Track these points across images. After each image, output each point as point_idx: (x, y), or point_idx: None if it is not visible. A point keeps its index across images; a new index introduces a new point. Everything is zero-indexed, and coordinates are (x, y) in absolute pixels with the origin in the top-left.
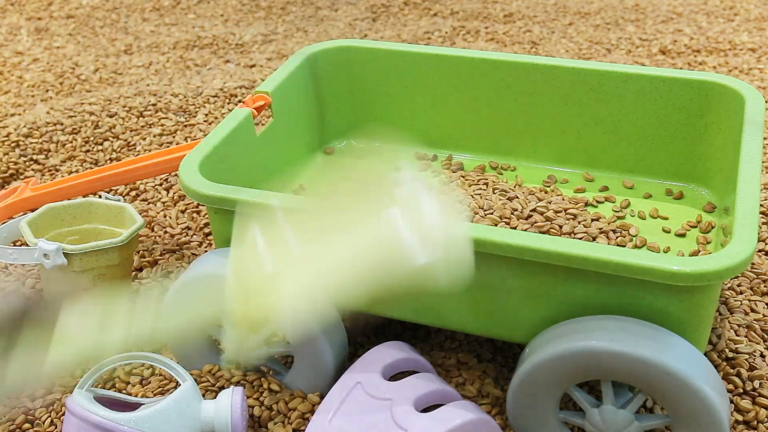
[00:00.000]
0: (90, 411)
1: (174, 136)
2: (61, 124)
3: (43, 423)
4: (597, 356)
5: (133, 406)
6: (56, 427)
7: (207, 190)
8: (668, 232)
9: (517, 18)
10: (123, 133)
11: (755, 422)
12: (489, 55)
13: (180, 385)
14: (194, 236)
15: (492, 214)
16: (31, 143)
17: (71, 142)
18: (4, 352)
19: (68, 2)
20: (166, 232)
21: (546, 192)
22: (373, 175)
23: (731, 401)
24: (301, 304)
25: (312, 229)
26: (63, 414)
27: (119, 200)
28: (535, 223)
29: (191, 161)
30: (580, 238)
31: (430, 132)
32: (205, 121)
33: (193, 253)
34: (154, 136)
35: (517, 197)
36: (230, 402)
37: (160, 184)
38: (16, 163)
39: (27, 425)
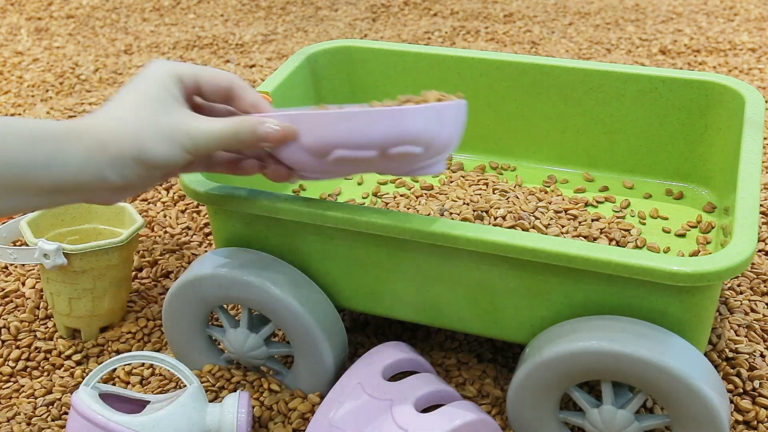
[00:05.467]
0: (95, 411)
1: None
2: None
3: (44, 422)
4: (597, 356)
5: (139, 403)
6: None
7: (207, 190)
8: (668, 232)
9: (517, 18)
10: None
11: (755, 422)
12: (489, 55)
13: (183, 385)
14: (194, 236)
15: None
16: None
17: None
18: None
19: (68, 2)
20: (166, 232)
21: (546, 192)
22: None
23: (731, 401)
24: None
25: None
26: (63, 414)
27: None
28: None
29: None
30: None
31: None
32: None
33: (193, 253)
34: None
35: (517, 197)
36: (236, 406)
37: (160, 184)
38: None
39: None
